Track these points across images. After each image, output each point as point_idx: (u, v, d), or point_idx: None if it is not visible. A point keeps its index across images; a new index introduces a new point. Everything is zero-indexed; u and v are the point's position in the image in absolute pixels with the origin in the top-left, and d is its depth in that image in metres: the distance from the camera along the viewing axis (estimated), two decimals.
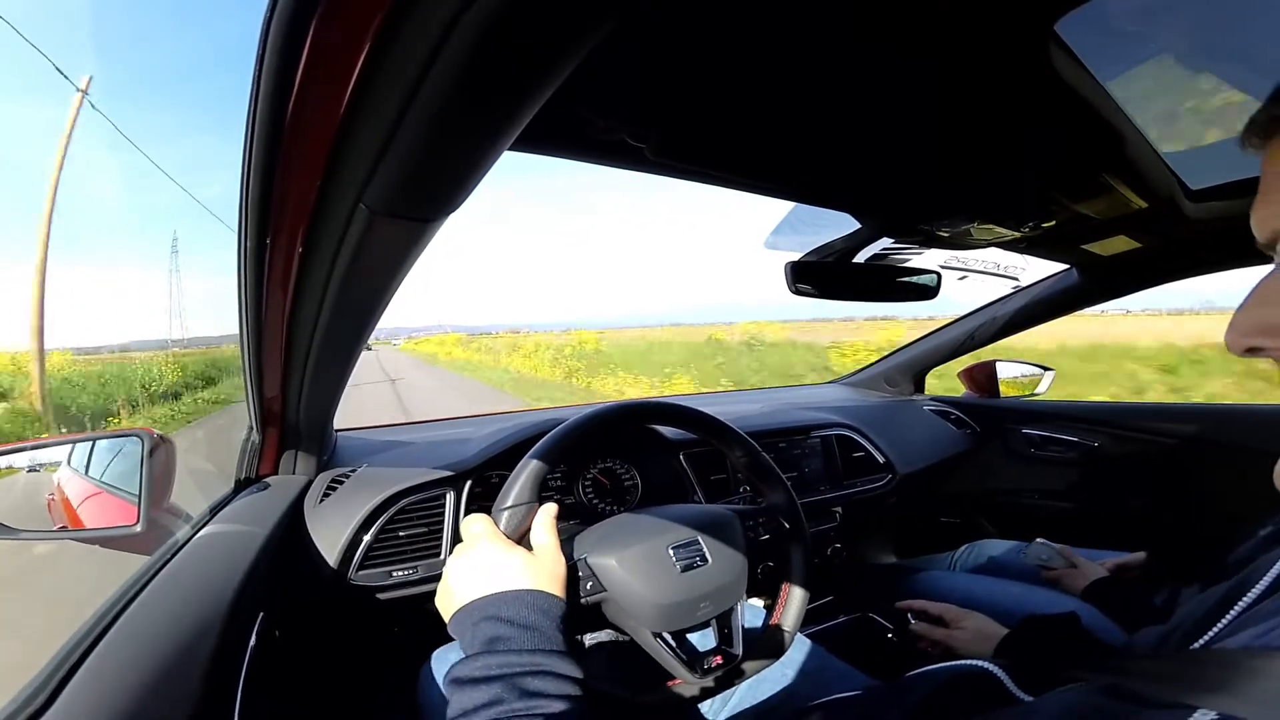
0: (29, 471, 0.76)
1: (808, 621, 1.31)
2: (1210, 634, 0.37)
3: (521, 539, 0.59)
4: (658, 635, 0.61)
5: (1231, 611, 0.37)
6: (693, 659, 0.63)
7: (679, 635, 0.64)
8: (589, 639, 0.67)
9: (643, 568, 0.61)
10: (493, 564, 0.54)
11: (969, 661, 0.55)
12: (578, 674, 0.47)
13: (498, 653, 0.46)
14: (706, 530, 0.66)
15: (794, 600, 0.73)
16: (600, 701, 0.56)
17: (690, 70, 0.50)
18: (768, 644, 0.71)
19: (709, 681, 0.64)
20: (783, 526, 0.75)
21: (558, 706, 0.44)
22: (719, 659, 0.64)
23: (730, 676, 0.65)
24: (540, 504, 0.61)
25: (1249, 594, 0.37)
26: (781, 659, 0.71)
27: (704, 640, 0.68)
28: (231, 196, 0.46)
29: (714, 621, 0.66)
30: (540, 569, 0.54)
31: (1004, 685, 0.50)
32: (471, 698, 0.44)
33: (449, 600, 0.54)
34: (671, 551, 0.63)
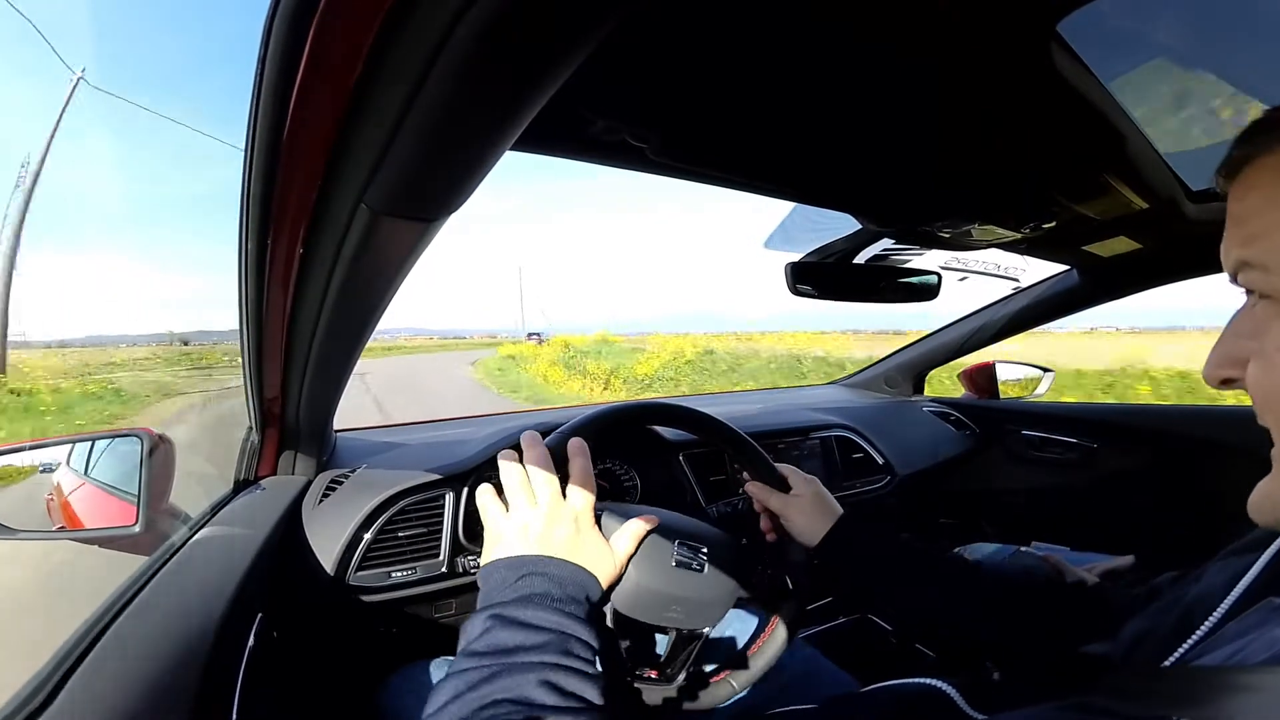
0: (42, 471, 0.76)
1: (807, 622, 1.31)
2: (1180, 651, 0.37)
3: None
4: (617, 617, 0.60)
5: (1204, 626, 0.37)
6: (631, 658, 0.61)
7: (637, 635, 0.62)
8: None
9: (645, 544, 0.60)
10: (577, 536, 0.53)
11: (921, 680, 0.55)
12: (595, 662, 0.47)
13: (548, 609, 0.47)
14: (716, 548, 0.65)
15: (756, 663, 0.70)
16: None
17: (691, 70, 0.50)
18: (708, 692, 0.68)
19: (635, 686, 0.62)
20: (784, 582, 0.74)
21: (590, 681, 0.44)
22: (653, 673, 0.62)
23: (655, 697, 0.63)
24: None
25: (1219, 609, 0.37)
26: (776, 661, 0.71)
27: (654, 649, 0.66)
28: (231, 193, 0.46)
29: (672, 634, 0.64)
30: (606, 563, 0.55)
31: (955, 704, 0.51)
32: (527, 637, 0.44)
33: (508, 532, 0.53)
34: (676, 545, 0.63)
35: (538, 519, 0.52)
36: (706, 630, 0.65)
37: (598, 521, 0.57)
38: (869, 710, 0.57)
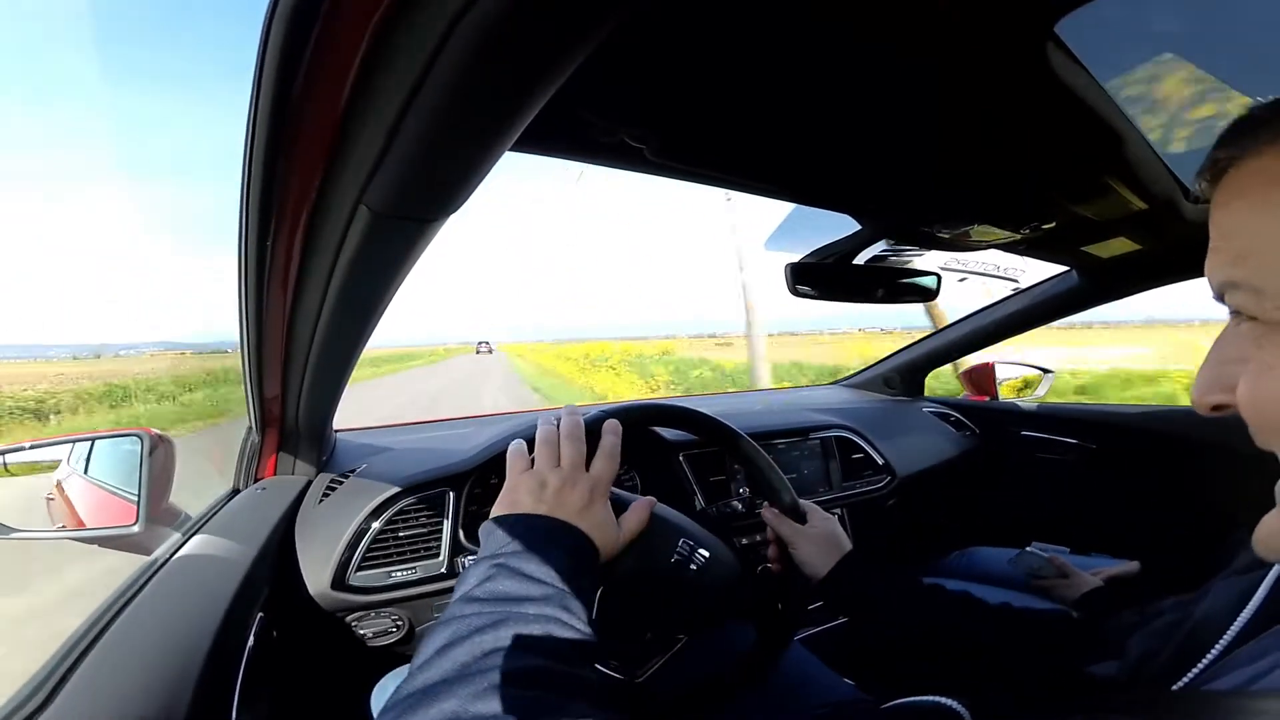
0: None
1: (803, 625, 1.31)
2: (1191, 674, 0.36)
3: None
4: (602, 599, 0.58)
5: (1215, 648, 0.36)
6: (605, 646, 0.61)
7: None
8: None
9: (650, 531, 0.60)
10: (589, 505, 0.53)
11: (934, 698, 0.54)
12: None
13: (551, 566, 0.46)
14: (718, 558, 0.65)
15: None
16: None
17: (690, 71, 0.50)
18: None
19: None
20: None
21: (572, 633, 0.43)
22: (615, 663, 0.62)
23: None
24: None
25: (1229, 630, 0.36)
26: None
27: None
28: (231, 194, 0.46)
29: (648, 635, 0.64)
30: (610, 537, 0.54)
31: None
32: (531, 589, 0.44)
33: (523, 486, 0.53)
34: (680, 543, 0.62)
35: (556, 479, 0.53)
36: (682, 638, 0.64)
37: (612, 499, 0.57)
38: None
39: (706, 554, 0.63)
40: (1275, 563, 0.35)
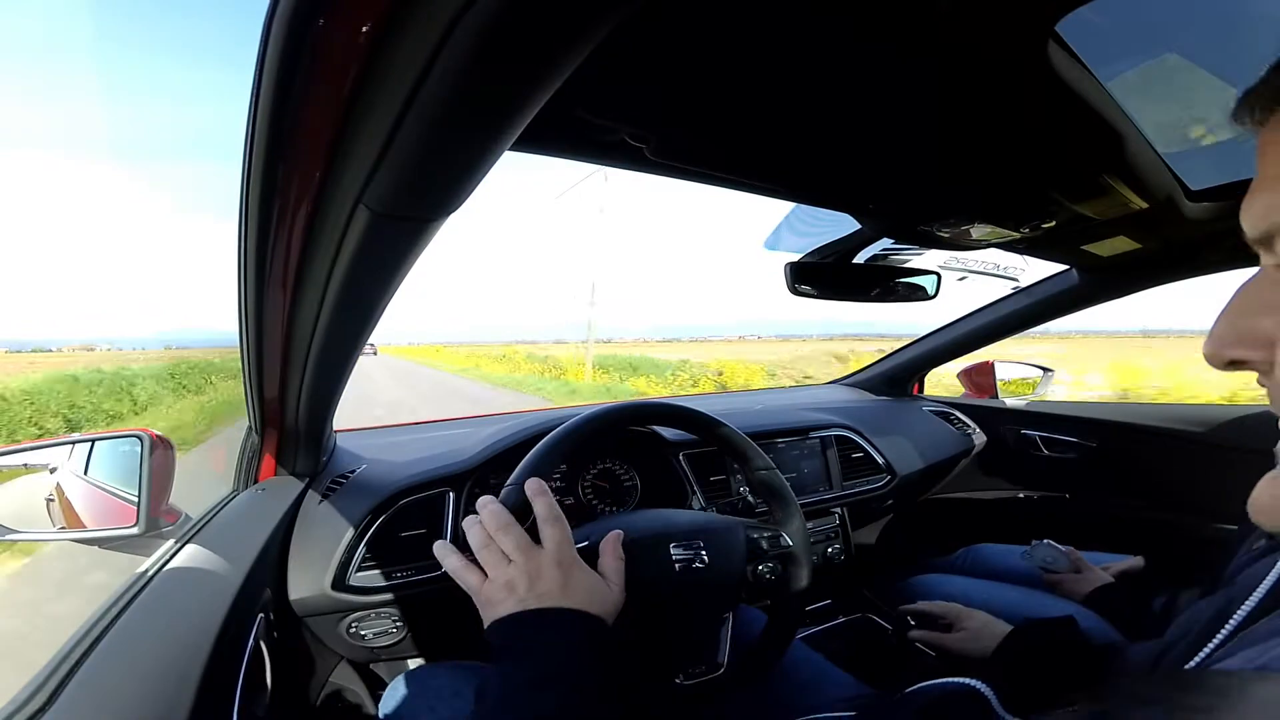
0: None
1: (806, 623, 1.31)
2: (1202, 654, 0.36)
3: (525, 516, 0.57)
4: (641, 630, 0.59)
5: (1223, 630, 0.36)
6: (666, 660, 0.63)
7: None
8: None
9: (637, 558, 0.60)
10: (564, 579, 0.52)
11: (958, 679, 0.54)
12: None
13: (554, 659, 0.47)
14: (713, 538, 0.65)
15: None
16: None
17: (690, 70, 0.50)
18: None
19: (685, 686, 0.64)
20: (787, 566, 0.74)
21: None
22: (696, 669, 0.65)
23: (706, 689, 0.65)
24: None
25: (1239, 611, 0.35)
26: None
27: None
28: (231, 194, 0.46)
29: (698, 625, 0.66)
30: (604, 595, 0.54)
31: (991, 705, 0.51)
32: (536, 687, 0.44)
33: (495, 595, 0.51)
34: (672, 548, 0.63)
35: (520, 575, 0.51)
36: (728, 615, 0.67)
37: (583, 554, 0.57)
38: (904, 713, 0.57)
39: (704, 545, 0.64)
40: (1273, 531, 0.34)
